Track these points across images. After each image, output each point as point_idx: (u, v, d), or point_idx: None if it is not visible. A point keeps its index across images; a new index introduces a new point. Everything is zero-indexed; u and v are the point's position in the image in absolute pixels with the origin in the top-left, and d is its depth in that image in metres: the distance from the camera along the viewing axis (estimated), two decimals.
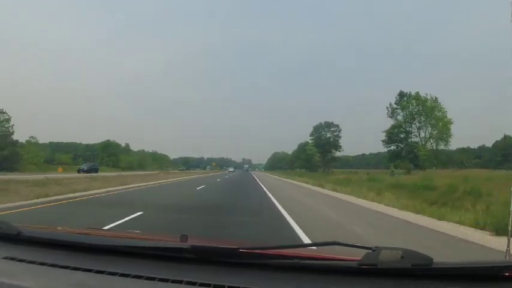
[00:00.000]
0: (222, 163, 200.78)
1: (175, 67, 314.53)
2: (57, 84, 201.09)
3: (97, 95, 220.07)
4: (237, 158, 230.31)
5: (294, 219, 7.86)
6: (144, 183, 22.46)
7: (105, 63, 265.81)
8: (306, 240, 5.65)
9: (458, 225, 7.11)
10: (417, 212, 9.08)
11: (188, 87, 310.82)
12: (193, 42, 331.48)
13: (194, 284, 1.09)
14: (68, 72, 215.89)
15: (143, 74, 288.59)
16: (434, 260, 1.03)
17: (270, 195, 15.35)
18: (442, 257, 1.57)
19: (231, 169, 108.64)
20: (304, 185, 26.90)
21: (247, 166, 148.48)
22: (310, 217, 8.76)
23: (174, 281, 1.12)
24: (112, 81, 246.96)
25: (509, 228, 1.36)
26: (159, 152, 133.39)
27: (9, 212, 8.30)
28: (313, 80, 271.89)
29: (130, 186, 19.69)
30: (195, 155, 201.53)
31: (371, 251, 1.09)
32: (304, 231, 6.34)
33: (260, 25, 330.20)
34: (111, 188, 17.10)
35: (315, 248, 1.51)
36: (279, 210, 9.88)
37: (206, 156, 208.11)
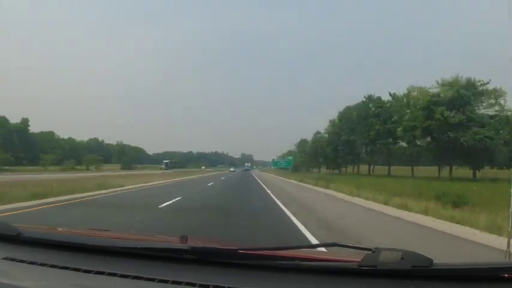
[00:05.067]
0: (215, 159, 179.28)
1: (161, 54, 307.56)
2: None
3: (85, 92, 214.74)
4: (235, 153, 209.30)
5: None
6: None
7: (92, 52, 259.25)
8: None
9: None
10: None
11: (173, 73, 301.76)
12: (186, 32, 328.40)
13: (194, 285, 1.09)
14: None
15: (129, 62, 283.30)
16: (434, 261, 1.03)
17: None
18: None
19: (231, 169, 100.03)
20: None
21: (248, 165, 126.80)
22: None
23: (173, 282, 1.12)
24: (96, 73, 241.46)
25: (510, 229, 1.37)
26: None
27: None
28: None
29: None
30: (183, 149, 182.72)
31: (371, 252, 1.09)
32: None
33: (251, 16, 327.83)
34: None
35: (315, 249, 1.51)
36: None
37: (196, 150, 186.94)
